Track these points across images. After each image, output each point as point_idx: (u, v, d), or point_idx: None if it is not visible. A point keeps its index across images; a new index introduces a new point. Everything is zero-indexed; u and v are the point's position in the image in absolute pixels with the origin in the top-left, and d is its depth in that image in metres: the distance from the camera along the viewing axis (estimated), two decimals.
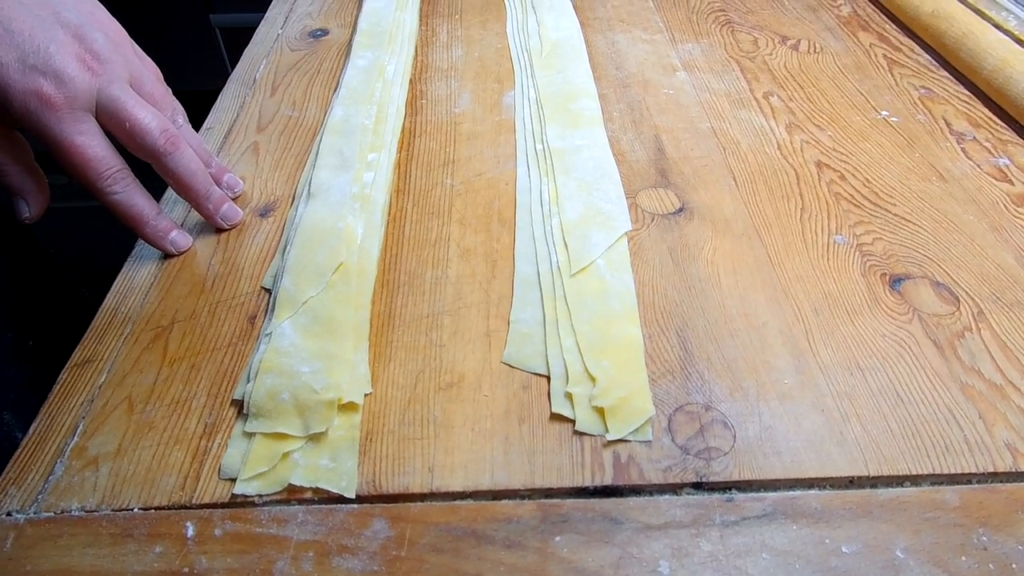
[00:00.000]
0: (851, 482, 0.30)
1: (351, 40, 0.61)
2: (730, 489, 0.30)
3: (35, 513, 0.29)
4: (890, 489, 0.30)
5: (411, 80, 0.57)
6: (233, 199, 0.44)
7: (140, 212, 0.39)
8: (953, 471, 0.30)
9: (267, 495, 0.29)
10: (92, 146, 0.37)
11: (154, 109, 0.39)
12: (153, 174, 0.41)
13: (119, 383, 0.34)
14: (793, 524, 0.28)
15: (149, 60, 0.43)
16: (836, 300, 0.37)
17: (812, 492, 0.29)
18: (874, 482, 0.30)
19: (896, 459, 0.30)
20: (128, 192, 0.39)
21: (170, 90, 0.43)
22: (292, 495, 0.30)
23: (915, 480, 0.30)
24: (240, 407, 0.33)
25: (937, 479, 0.30)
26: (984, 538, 0.28)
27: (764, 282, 0.39)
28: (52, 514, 0.29)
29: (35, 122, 0.36)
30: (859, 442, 0.31)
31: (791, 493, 0.29)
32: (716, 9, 0.68)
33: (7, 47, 0.35)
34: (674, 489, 0.30)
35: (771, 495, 0.29)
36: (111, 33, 0.39)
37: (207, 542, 0.28)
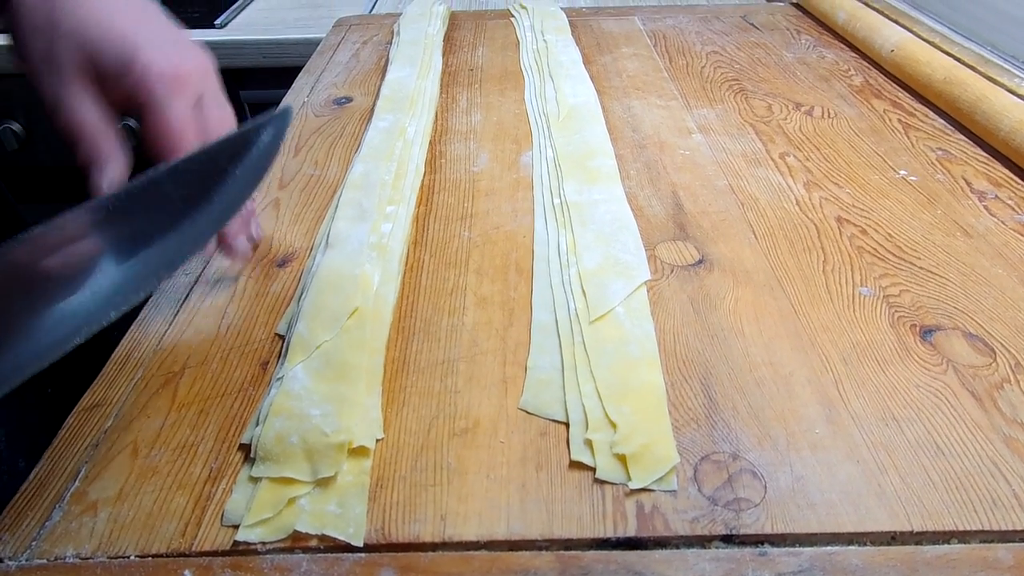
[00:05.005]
0: (893, 538, 0.28)
1: (374, 105, 0.62)
2: (763, 543, 0.28)
3: (27, 560, 0.28)
4: (936, 546, 0.28)
5: (431, 141, 0.58)
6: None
7: None
8: (1004, 528, 0.28)
9: (270, 543, 0.28)
10: None
11: None
12: None
13: (126, 428, 0.33)
14: None
15: None
16: (865, 350, 0.36)
17: (852, 548, 0.27)
18: (919, 538, 0.28)
19: (941, 513, 0.28)
20: None
21: None
22: (297, 543, 0.28)
23: (963, 536, 0.28)
24: (248, 451, 0.32)
25: (987, 536, 0.28)
26: None
27: (789, 332, 0.37)
28: (45, 561, 0.28)
29: None
30: (899, 495, 0.29)
31: (829, 548, 0.27)
32: (729, 78, 0.70)
33: None
34: (702, 542, 0.28)
35: (807, 550, 0.27)
36: None
37: None
